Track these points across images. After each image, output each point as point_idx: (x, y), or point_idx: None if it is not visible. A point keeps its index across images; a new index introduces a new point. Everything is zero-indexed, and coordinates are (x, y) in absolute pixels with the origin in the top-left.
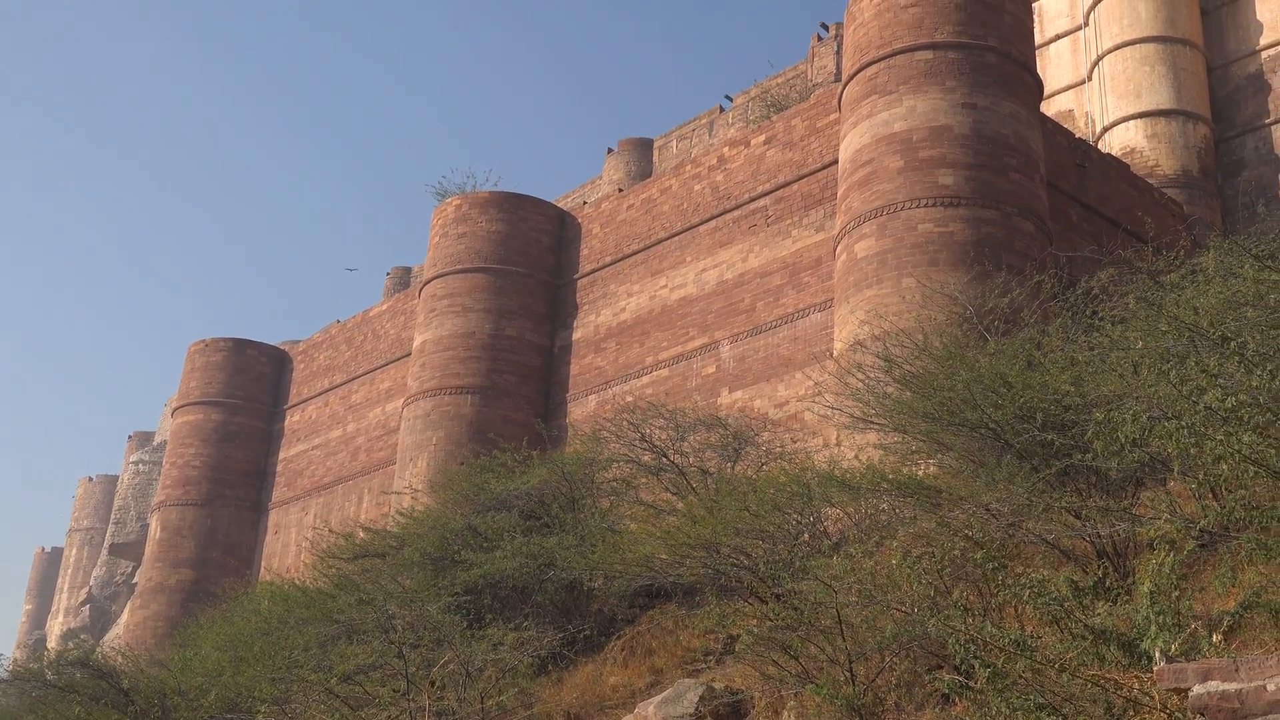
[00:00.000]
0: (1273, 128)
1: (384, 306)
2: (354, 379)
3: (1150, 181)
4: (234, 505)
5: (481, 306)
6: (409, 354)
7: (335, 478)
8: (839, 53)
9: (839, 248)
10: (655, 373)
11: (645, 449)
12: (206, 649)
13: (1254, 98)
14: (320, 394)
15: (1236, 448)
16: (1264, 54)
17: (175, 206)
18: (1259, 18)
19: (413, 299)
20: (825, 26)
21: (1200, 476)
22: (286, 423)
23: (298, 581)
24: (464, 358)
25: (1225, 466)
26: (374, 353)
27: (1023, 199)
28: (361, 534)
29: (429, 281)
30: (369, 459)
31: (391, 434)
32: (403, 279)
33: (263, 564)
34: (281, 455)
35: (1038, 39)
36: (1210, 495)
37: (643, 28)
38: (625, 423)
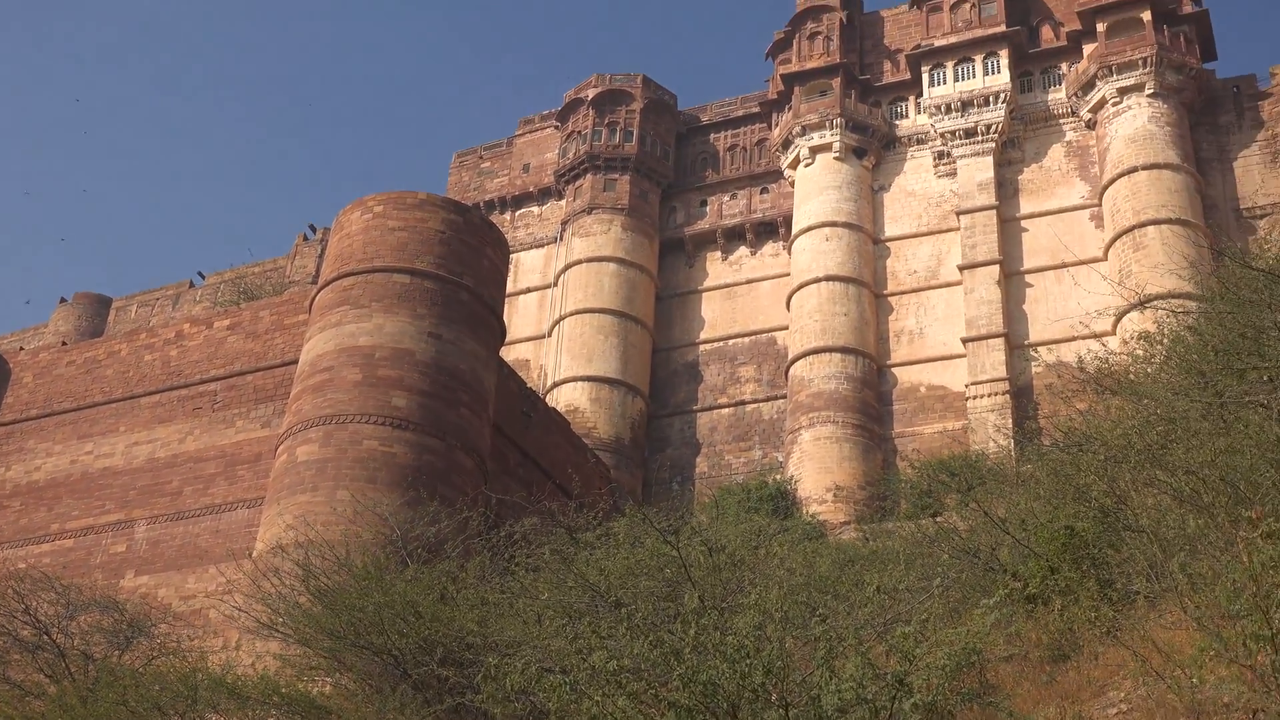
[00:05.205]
0: (699, 414)
1: None
2: None
3: (586, 442)
4: None
5: None
6: None
7: None
8: (321, 256)
9: (281, 447)
10: (59, 541)
11: (26, 623)
12: None
13: (687, 384)
14: None
15: (611, 710)
16: (701, 348)
17: None
18: (703, 314)
19: None
20: (313, 228)
21: None
22: None
23: None
24: None
25: None
26: None
27: (468, 435)
28: None
29: None
30: None
31: None
32: None
33: None
34: None
35: (511, 288)
36: None
37: (125, 181)
38: (10, 591)
